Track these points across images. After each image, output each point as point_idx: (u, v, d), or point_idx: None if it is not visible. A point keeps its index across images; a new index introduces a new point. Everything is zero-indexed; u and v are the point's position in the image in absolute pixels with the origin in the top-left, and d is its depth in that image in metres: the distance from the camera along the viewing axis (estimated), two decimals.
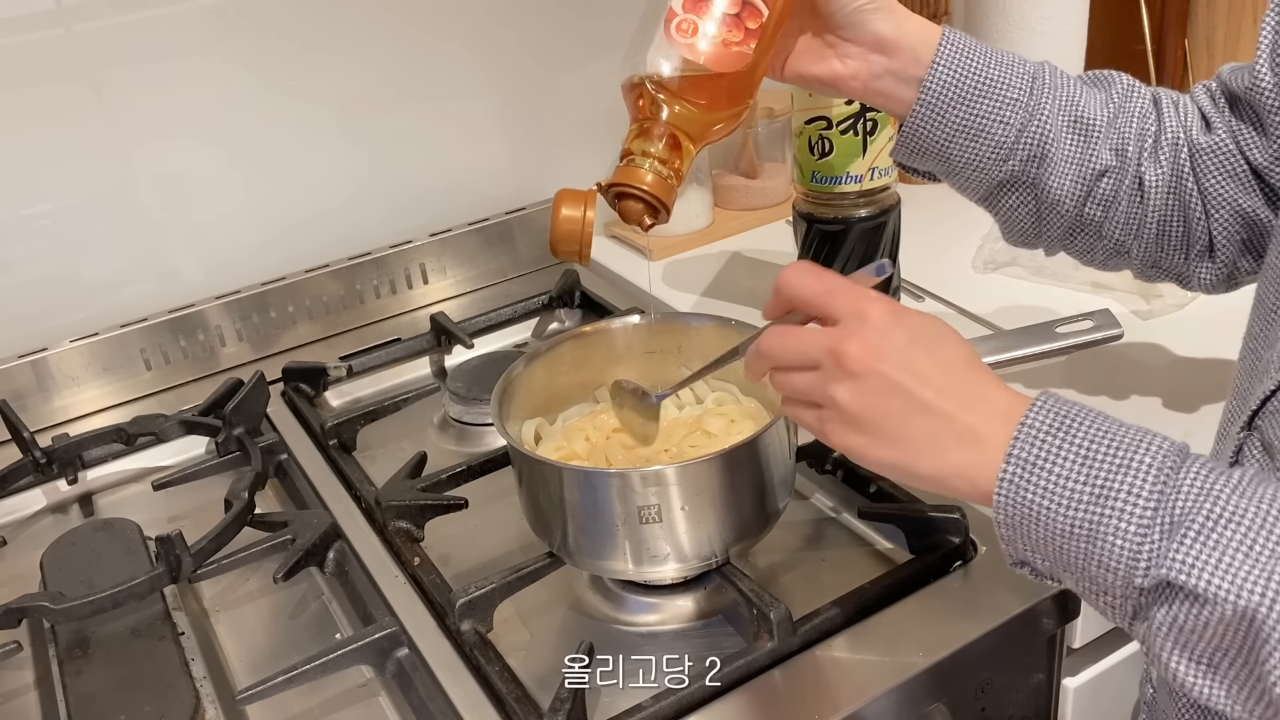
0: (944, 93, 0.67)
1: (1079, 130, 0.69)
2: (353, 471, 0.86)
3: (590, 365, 0.79)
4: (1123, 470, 0.46)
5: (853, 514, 0.77)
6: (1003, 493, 0.49)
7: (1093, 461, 0.47)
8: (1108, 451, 0.47)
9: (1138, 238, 0.72)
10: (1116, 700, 0.77)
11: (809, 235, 0.97)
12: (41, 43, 0.93)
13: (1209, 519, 0.44)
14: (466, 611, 0.68)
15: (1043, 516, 0.48)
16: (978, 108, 0.67)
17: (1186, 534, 0.45)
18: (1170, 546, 0.45)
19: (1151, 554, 0.45)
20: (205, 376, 1.05)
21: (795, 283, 0.57)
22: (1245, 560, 0.43)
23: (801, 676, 0.64)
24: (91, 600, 0.71)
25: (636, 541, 0.65)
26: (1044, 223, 0.72)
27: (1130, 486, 0.46)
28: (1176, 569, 0.44)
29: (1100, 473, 0.47)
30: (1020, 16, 1.17)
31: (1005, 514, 0.49)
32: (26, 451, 0.90)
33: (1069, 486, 0.47)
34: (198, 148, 1.02)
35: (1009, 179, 0.70)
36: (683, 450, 0.72)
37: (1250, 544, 0.44)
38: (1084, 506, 0.47)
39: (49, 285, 1.00)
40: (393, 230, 1.13)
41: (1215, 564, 0.44)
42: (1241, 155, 0.68)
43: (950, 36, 0.67)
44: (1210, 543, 0.44)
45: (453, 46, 1.10)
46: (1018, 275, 1.01)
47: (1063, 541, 0.48)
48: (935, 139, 0.69)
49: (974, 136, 0.68)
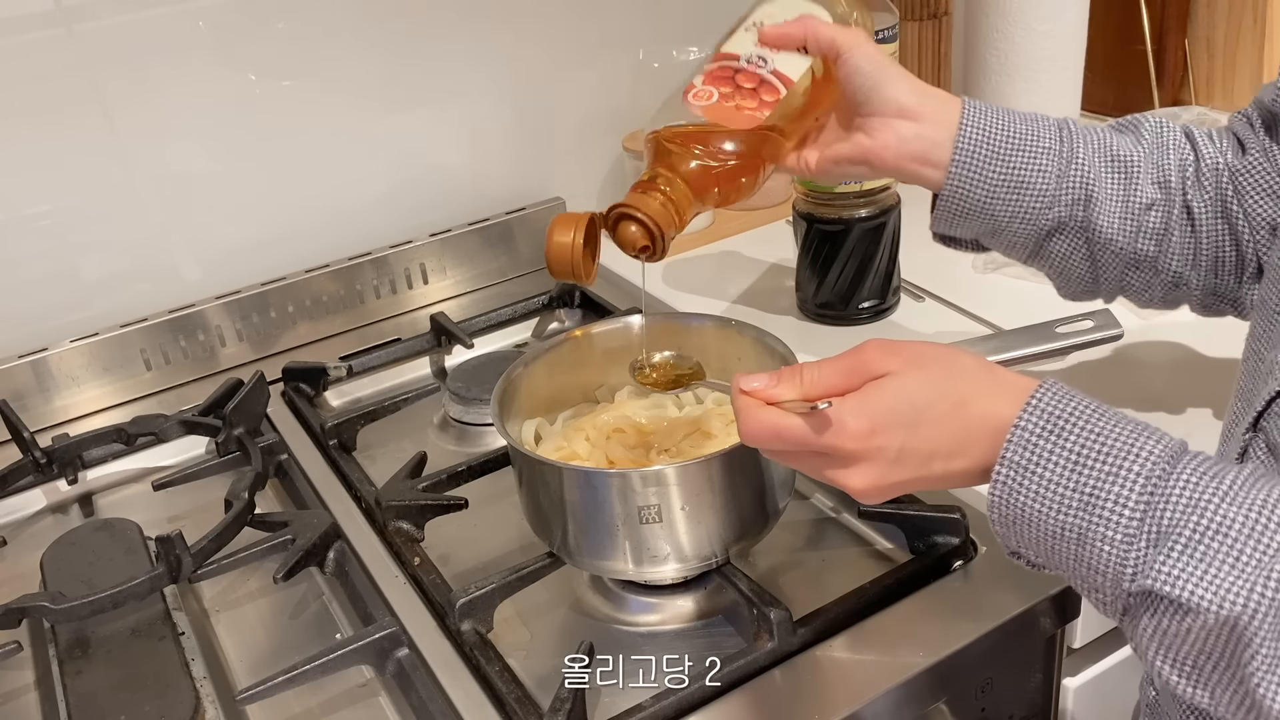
0: (978, 150, 0.67)
1: (1118, 168, 0.69)
2: (353, 471, 0.86)
3: (590, 365, 0.79)
4: (1111, 478, 0.47)
5: (853, 514, 0.77)
6: (996, 494, 0.50)
7: (1082, 467, 0.47)
8: (1098, 456, 0.47)
9: (1194, 267, 0.71)
10: (1116, 700, 0.77)
11: (809, 235, 0.97)
12: (41, 43, 0.93)
13: (1195, 531, 0.45)
14: (466, 611, 0.68)
15: (1034, 519, 0.49)
16: (1014, 161, 0.68)
17: (1174, 547, 0.45)
18: (1156, 557, 0.45)
19: (1138, 562, 0.46)
20: (205, 376, 1.05)
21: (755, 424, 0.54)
22: (1230, 571, 0.44)
23: (801, 676, 0.64)
24: (91, 600, 0.71)
25: (636, 541, 0.65)
26: (1099, 266, 0.71)
27: (1117, 496, 0.46)
28: (1161, 580, 0.45)
29: (1089, 479, 0.47)
30: (1020, 16, 1.17)
31: (999, 514, 0.50)
32: (26, 451, 0.90)
33: (1059, 492, 0.48)
34: (198, 147, 1.02)
35: (1057, 225, 0.70)
36: (682, 450, 0.72)
37: (1237, 555, 0.44)
38: (1073, 512, 0.47)
39: (49, 285, 1.00)
40: (393, 230, 1.13)
41: (1200, 576, 0.44)
42: (1278, 173, 0.67)
43: (971, 101, 0.68)
44: (1196, 555, 0.45)
45: (453, 47, 1.10)
46: (1018, 275, 1.01)
47: (1054, 543, 0.49)
48: (976, 198, 0.69)
49: (1015, 189, 0.68)
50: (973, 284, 1.02)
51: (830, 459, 0.53)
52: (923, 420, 0.51)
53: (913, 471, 0.52)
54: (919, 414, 0.51)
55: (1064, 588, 0.68)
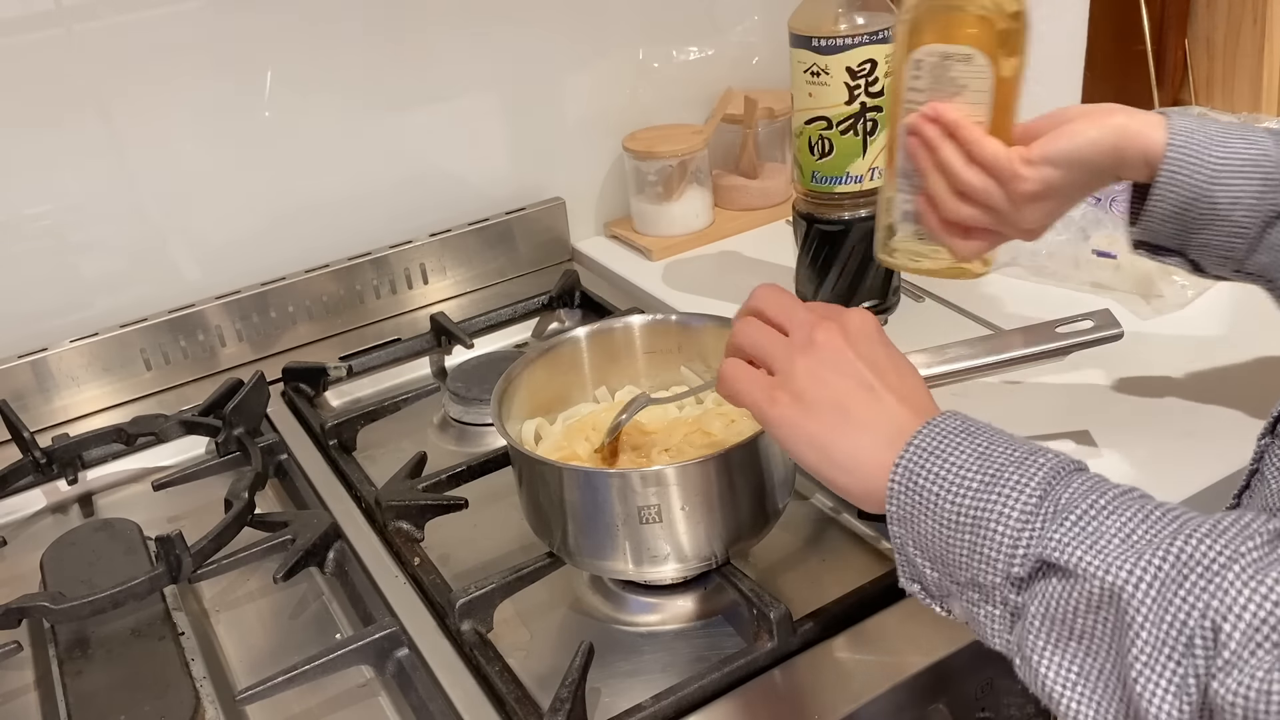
0: (1193, 136, 0.65)
1: None
2: (353, 471, 0.86)
3: (590, 365, 0.79)
4: (1016, 465, 0.47)
5: (853, 514, 0.77)
6: (897, 478, 0.50)
7: (989, 456, 0.48)
8: (1006, 450, 0.48)
9: None
10: None
11: (809, 235, 0.97)
12: (41, 43, 0.93)
13: (1091, 508, 0.45)
14: (466, 611, 0.68)
15: (931, 505, 0.49)
16: (1232, 145, 0.65)
17: (1067, 519, 0.45)
18: (1052, 530, 0.45)
19: (1031, 539, 0.45)
20: (205, 376, 1.05)
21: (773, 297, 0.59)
22: (1119, 544, 0.43)
23: (801, 676, 0.64)
24: (91, 600, 0.71)
25: (636, 542, 0.65)
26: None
27: (1020, 478, 0.47)
28: (1051, 547, 0.45)
29: (993, 465, 0.48)
30: None
31: (897, 504, 0.50)
32: (26, 451, 0.90)
33: (962, 475, 0.48)
34: (198, 147, 1.02)
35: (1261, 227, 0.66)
36: (682, 450, 0.72)
37: (1129, 533, 0.44)
38: (973, 494, 0.47)
39: (49, 285, 1.00)
40: (393, 230, 1.13)
41: (1090, 545, 0.44)
42: None
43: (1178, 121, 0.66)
44: (1090, 528, 0.44)
45: (453, 47, 1.10)
46: (1018, 275, 1.01)
47: (949, 534, 0.48)
48: (1195, 183, 0.66)
49: (1236, 171, 0.65)
50: (972, 284, 1.02)
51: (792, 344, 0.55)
52: (885, 367, 0.54)
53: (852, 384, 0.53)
54: (887, 362, 0.54)
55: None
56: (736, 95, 1.21)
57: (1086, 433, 0.79)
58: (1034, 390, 0.85)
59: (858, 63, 0.88)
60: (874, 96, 0.89)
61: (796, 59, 0.90)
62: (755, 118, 1.19)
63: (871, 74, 0.88)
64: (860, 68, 0.88)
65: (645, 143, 1.16)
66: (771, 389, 0.55)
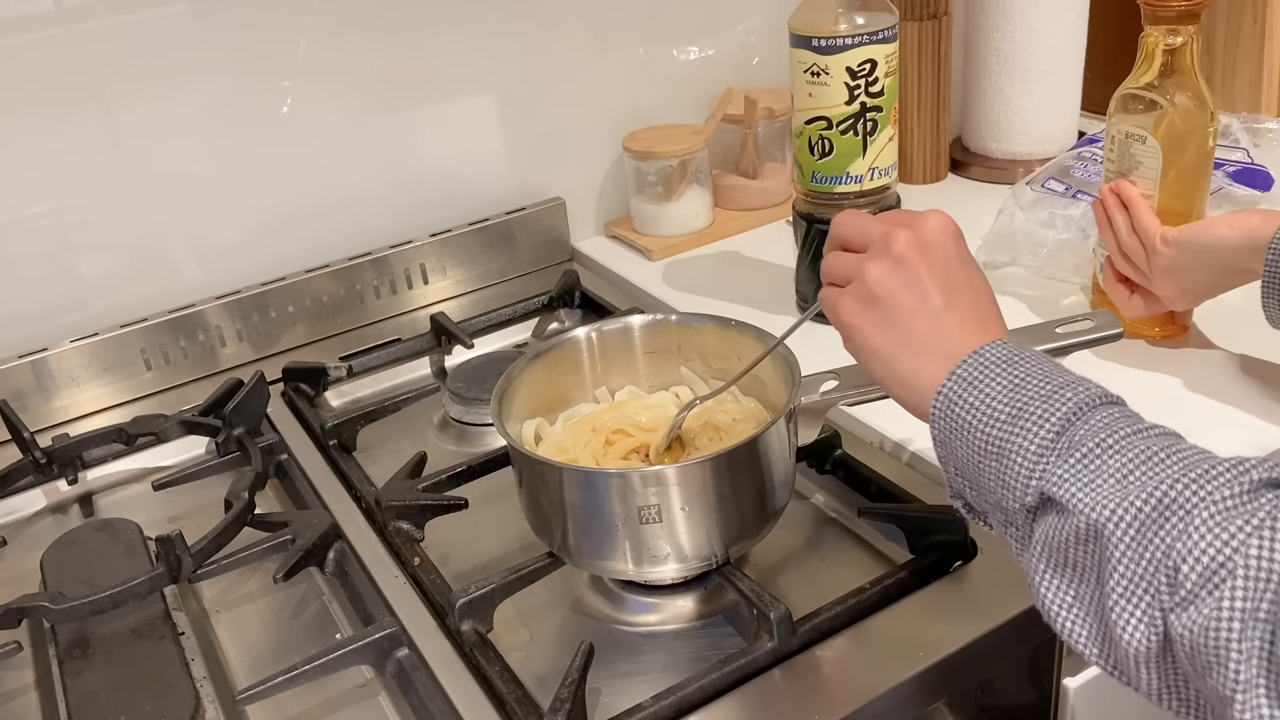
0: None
1: None
2: (353, 471, 0.86)
3: (590, 365, 0.79)
4: (1042, 399, 0.50)
5: (853, 514, 0.77)
6: (939, 404, 0.54)
7: (1020, 389, 0.51)
8: (1038, 383, 0.51)
9: None
10: (1117, 700, 0.77)
11: (809, 235, 0.97)
12: (41, 43, 0.93)
13: (1097, 447, 0.48)
14: (466, 611, 0.68)
15: (965, 431, 0.52)
16: None
17: (1072, 456, 0.48)
18: (1059, 465, 0.48)
19: (1043, 474, 0.49)
20: (205, 376, 1.05)
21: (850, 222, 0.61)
22: (1112, 485, 0.46)
23: (801, 676, 0.64)
24: (91, 600, 0.71)
25: (636, 542, 0.65)
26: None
27: (1042, 413, 0.49)
28: (1052, 482, 0.48)
29: (1021, 398, 0.51)
30: (1020, 16, 1.17)
31: (939, 427, 0.54)
32: (26, 451, 0.90)
33: (993, 406, 0.51)
34: (198, 147, 1.02)
35: None
36: (699, 444, 0.72)
37: (1125, 473, 0.46)
38: (1000, 424, 0.51)
39: (49, 285, 1.00)
40: (393, 230, 1.13)
41: (1085, 483, 0.47)
42: None
43: None
44: (1090, 466, 0.47)
45: (454, 47, 1.10)
46: (1018, 275, 1.01)
47: (980, 460, 0.52)
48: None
49: None
50: None
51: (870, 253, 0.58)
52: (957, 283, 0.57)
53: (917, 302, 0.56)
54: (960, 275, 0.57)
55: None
56: (736, 95, 1.21)
57: None
58: None
59: (858, 63, 0.88)
60: (874, 97, 0.89)
61: (796, 59, 0.90)
62: (755, 118, 1.19)
63: (871, 74, 0.88)
64: (860, 68, 0.88)
65: (645, 143, 1.16)
66: (841, 295, 0.59)
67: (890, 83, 0.90)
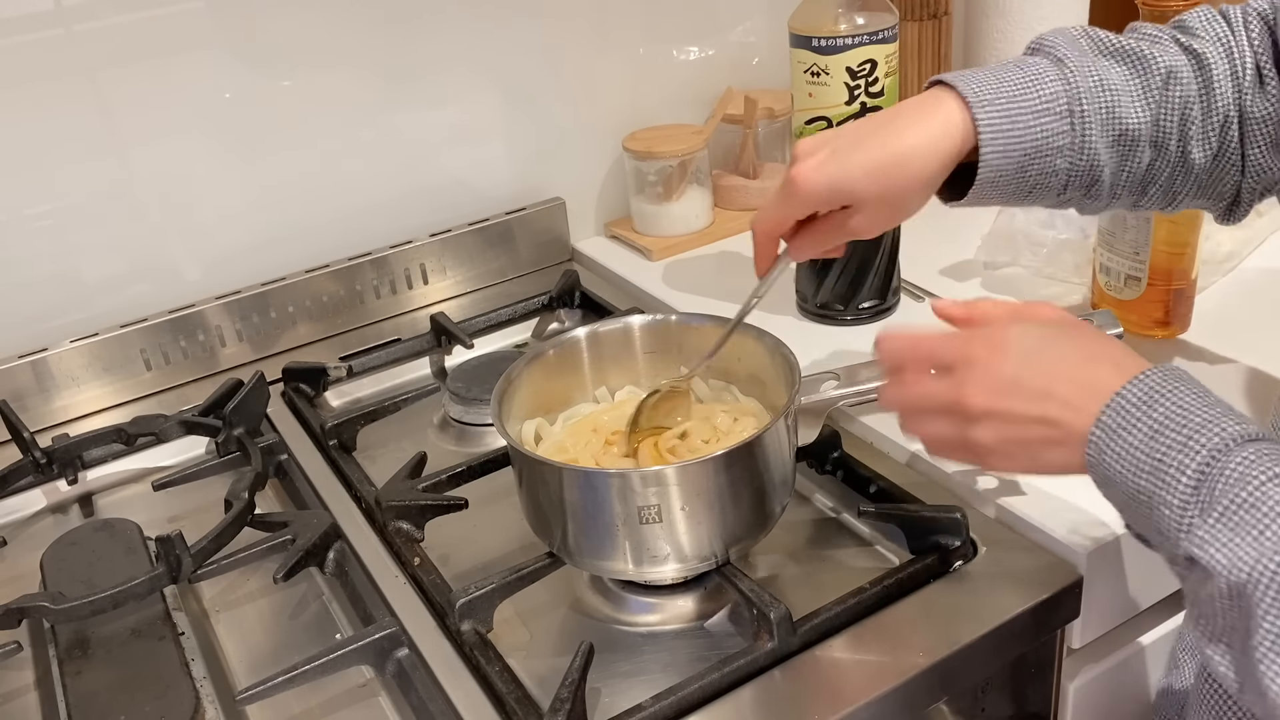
0: (997, 174, 0.67)
1: (1123, 145, 0.68)
2: (353, 471, 0.86)
3: (590, 365, 0.79)
4: (1179, 449, 0.51)
5: (853, 514, 0.77)
6: (1091, 454, 0.55)
7: (1160, 436, 0.52)
8: (1175, 429, 0.52)
9: (1174, 203, 0.72)
10: (1117, 700, 0.77)
11: None
12: (41, 43, 0.93)
13: (1234, 503, 0.48)
14: (466, 611, 0.68)
15: (1115, 479, 0.54)
16: (1030, 170, 0.68)
17: (1210, 514, 0.49)
18: (1201, 524, 0.49)
19: (1189, 527, 0.50)
20: (205, 376, 1.05)
21: (892, 349, 0.64)
22: (1250, 543, 0.47)
23: (801, 676, 0.64)
24: (91, 600, 0.71)
25: (637, 542, 0.65)
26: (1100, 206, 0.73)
27: (1180, 464, 0.50)
28: (1195, 544, 0.49)
29: (1161, 447, 0.51)
30: (1020, 17, 1.17)
31: (1095, 474, 0.55)
32: (26, 452, 0.90)
33: (1136, 457, 0.52)
34: (198, 147, 1.02)
35: (1064, 203, 0.72)
36: (694, 446, 0.72)
37: (1261, 530, 0.47)
38: (1144, 475, 0.52)
39: (49, 285, 1.00)
40: (393, 230, 1.13)
41: (1223, 544, 0.48)
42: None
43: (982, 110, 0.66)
44: (1228, 525, 0.48)
45: (453, 47, 1.10)
46: (1018, 275, 1.01)
47: (1131, 504, 0.54)
48: (998, 196, 0.70)
49: (1028, 192, 0.69)
50: (973, 285, 1.02)
51: (958, 421, 0.60)
52: (1046, 357, 0.58)
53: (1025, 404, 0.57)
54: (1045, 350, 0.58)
55: (1064, 588, 0.68)
56: (736, 95, 1.21)
57: None
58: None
59: (858, 63, 0.88)
60: (874, 97, 0.89)
61: (796, 59, 0.90)
62: (755, 118, 1.19)
63: (871, 74, 0.88)
64: (860, 68, 0.88)
65: (645, 143, 1.16)
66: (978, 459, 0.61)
67: (890, 83, 0.90)
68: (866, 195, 0.67)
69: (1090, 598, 0.69)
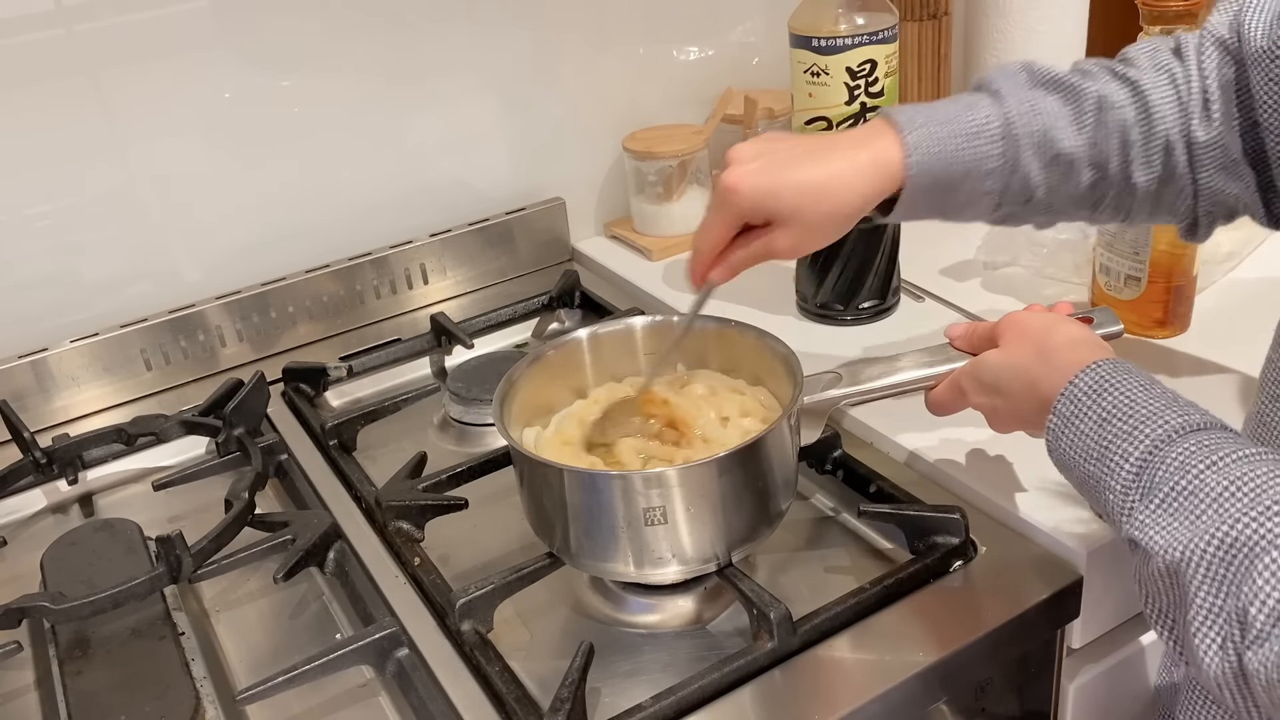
0: (922, 193, 0.68)
1: (1059, 165, 0.69)
2: (353, 471, 0.86)
3: (591, 366, 0.79)
4: (1125, 437, 0.55)
5: (853, 514, 0.77)
6: (1049, 440, 0.60)
7: (1107, 424, 0.56)
8: (1122, 418, 0.56)
9: (1131, 217, 0.74)
10: (1116, 700, 0.77)
11: None
12: (41, 43, 0.93)
13: (1174, 489, 0.52)
14: (466, 612, 0.68)
15: (1069, 464, 0.59)
16: (960, 191, 0.69)
17: (1153, 499, 0.52)
18: (1142, 508, 0.53)
19: (1130, 510, 0.54)
20: (205, 377, 1.05)
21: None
22: (1186, 526, 0.50)
23: (801, 676, 0.64)
24: (91, 600, 0.71)
25: (639, 544, 0.65)
26: (1038, 224, 0.75)
27: (1124, 451, 0.55)
28: (1135, 526, 0.53)
29: (1109, 435, 0.56)
30: (1020, 17, 1.17)
31: (1054, 459, 0.61)
32: (27, 451, 0.90)
33: (1085, 443, 0.57)
34: (198, 148, 1.02)
35: (1001, 219, 0.73)
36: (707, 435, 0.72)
37: (1198, 514, 0.50)
38: (1092, 461, 0.57)
39: (49, 285, 1.00)
40: (393, 230, 1.13)
41: (1162, 526, 0.51)
42: (1241, 140, 0.67)
43: (909, 132, 0.67)
44: (1167, 510, 0.52)
45: (453, 47, 1.10)
46: (1018, 275, 1.01)
47: (1084, 488, 0.59)
48: (928, 212, 0.71)
49: (962, 207, 0.71)
50: (973, 284, 1.02)
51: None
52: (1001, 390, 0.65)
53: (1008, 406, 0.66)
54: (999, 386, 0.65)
55: (1064, 588, 0.68)
56: (736, 95, 1.21)
57: None
58: None
59: (858, 63, 0.88)
60: (874, 97, 0.89)
61: (796, 59, 0.90)
62: (755, 118, 1.19)
63: (871, 74, 0.88)
64: (860, 68, 0.88)
65: (645, 143, 1.16)
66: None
67: (890, 83, 0.90)
68: (790, 213, 0.67)
69: (1090, 598, 0.69)
